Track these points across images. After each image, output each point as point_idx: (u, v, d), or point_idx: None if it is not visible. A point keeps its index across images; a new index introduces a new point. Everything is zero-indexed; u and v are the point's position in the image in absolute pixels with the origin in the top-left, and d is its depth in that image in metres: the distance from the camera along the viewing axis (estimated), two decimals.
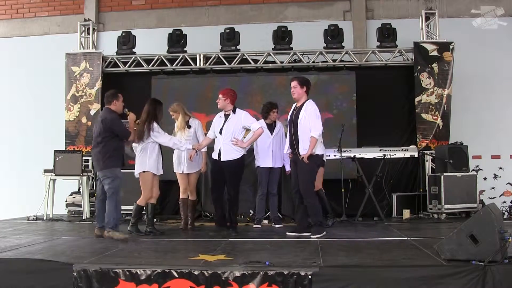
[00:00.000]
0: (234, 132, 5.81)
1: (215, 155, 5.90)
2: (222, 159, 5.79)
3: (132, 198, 6.21)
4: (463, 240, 3.78)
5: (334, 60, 8.61)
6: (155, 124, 5.91)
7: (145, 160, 5.91)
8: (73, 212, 8.33)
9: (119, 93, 5.87)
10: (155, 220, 6.56)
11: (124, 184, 6.87)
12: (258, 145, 6.71)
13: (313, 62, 8.61)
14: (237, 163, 5.80)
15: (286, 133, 6.39)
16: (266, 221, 7.04)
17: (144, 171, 5.91)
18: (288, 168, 6.74)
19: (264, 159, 6.70)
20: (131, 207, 6.18)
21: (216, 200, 6.02)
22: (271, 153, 6.66)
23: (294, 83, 5.69)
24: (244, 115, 5.90)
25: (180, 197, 6.66)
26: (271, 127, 6.78)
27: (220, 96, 5.92)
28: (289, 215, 7.38)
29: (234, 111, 5.90)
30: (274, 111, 6.77)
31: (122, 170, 5.91)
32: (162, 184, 7.39)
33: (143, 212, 6.22)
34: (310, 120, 5.50)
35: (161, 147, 6.07)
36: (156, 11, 9.97)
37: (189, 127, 6.51)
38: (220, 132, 5.84)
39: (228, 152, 5.78)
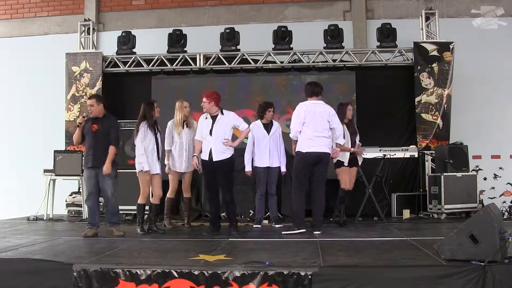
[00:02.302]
0: (225, 132, 5.91)
1: (205, 156, 5.94)
2: (214, 159, 5.86)
3: (132, 198, 6.24)
4: (463, 240, 3.78)
5: (334, 60, 8.60)
6: (141, 129, 5.97)
7: (136, 159, 6.04)
8: (73, 212, 8.33)
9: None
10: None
11: (124, 184, 6.91)
12: (256, 145, 6.74)
13: (313, 62, 8.60)
14: (229, 162, 5.92)
15: (286, 132, 6.40)
16: (266, 221, 7.04)
17: (139, 171, 6.05)
18: (283, 169, 6.78)
19: (261, 159, 6.71)
20: (132, 207, 6.26)
21: (211, 200, 6.15)
22: (268, 153, 6.67)
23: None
24: (233, 116, 6.04)
25: (168, 196, 6.77)
26: (267, 126, 6.79)
27: (204, 99, 5.93)
28: (289, 215, 7.37)
29: (222, 112, 5.98)
30: (270, 110, 6.80)
31: (122, 170, 6.01)
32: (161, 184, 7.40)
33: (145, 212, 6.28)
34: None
35: (158, 145, 6.12)
36: (156, 11, 9.97)
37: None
38: (210, 133, 5.89)
39: (220, 152, 5.86)
